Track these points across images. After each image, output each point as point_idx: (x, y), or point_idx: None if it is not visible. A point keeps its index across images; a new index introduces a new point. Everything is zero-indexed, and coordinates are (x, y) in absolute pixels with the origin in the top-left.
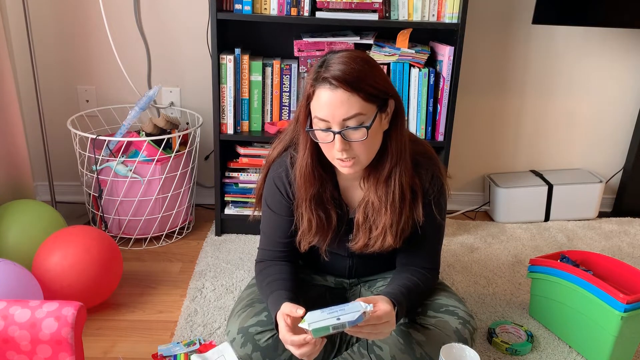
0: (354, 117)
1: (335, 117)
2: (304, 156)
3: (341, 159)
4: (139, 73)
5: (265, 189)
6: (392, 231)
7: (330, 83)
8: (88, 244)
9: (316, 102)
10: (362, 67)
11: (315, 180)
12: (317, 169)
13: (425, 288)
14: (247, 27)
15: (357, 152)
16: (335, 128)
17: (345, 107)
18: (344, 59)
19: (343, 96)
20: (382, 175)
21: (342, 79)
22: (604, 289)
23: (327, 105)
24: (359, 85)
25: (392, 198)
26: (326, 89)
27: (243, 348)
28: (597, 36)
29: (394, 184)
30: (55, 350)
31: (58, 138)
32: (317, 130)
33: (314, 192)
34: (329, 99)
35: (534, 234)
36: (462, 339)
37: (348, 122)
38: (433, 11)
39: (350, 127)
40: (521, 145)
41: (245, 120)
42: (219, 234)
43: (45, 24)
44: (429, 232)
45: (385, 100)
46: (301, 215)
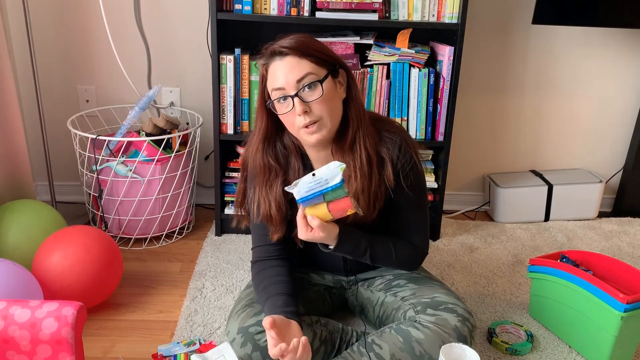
0: (306, 76)
1: (289, 81)
2: (255, 141)
3: (305, 125)
4: (139, 73)
5: (248, 184)
6: (365, 197)
7: (280, 53)
8: (88, 244)
9: (271, 76)
10: (306, 38)
11: (265, 169)
12: (267, 159)
13: (394, 251)
14: (247, 27)
15: (318, 113)
16: (292, 92)
17: (296, 70)
18: (290, 36)
19: (293, 61)
20: (347, 142)
21: (290, 46)
22: (604, 289)
23: (280, 73)
24: (307, 51)
25: (359, 162)
26: (276, 60)
27: (243, 348)
28: (597, 36)
29: (359, 149)
30: (55, 350)
31: (58, 138)
32: (275, 101)
33: (264, 179)
34: (281, 67)
35: (534, 234)
36: (462, 336)
37: (302, 82)
38: (433, 11)
39: (305, 87)
40: (521, 145)
41: (245, 120)
42: (219, 234)
43: (45, 24)
44: (406, 208)
45: (334, 66)
46: (256, 203)
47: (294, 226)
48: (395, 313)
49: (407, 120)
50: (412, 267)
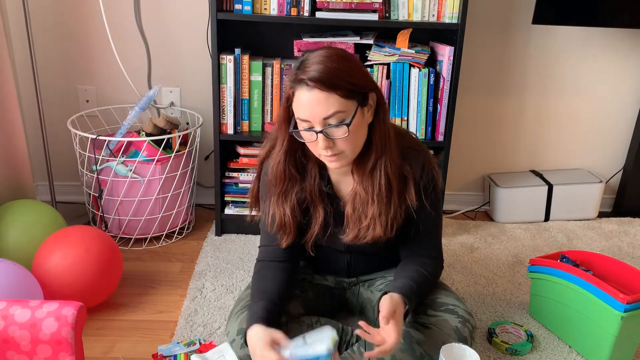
0: (334, 115)
1: (315, 116)
2: (278, 153)
3: (327, 155)
4: (139, 73)
5: (261, 185)
6: (381, 221)
7: (307, 84)
8: (88, 244)
9: (296, 104)
10: (338, 64)
11: (285, 179)
12: (288, 169)
13: (433, 279)
14: (247, 27)
15: (342, 148)
16: (317, 127)
17: (323, 107)
18: (320, 58)
19: (320, 96)
20: (367, 166)
21: (318, 79)
22: (604, 289)
23: (306, 106)
24: (336, 84)
25: (378, 188)
26: (304, 90)
27: (243, 349)
28: (597, 36)
29: (379, 175)
30: (55, 350)
31: (58, 138)
32: (301, 130)
33: (281, 189)
34: (307, 100)
35: (534, 234)
36: (462, 337)
37: (329, 120)
38: (433, 11)
39: (331, 125)
40: (521, 145)
41: (245, 120)
42: (219, 234)
43: (45, 24)
44: (425, 223)
45: (364, 94)
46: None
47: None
48: None
49: (407, 120)
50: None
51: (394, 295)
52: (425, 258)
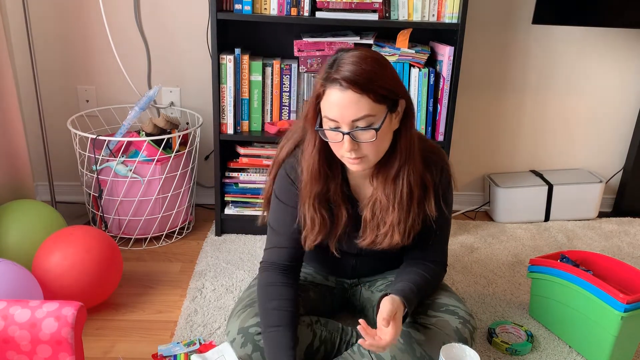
0: (363, 118)
1: (344, 117)
2: (312, 154)
3: (350, 157)
4: (139, 73)
5: (277, 183)
6: (400, 229)
7: (340, 84)
8: (88, 244)
9: (326, 102)
10: (372, 67)
11: (321, 179)
12: (323, 167)
13: (435, 283)
14: (247, 27)
15: (366, 152)
16: (345, 128)
17: (354, 109)
18: (355, 59)
19: (353, 97)
20: (391, 173)
21: (352, 80)
22: (604, 289)
23: (336, 106)
24: (369, 87)
25: (399, 196)
26: (336, 89)
27: (243, 348)
28: (597, 36)
29: (402, 183)
30: (55, 350)
31: (58, 138)
32: (326, 129)
33: (318, 190)
34: (338, 100)
35: (534, 234)
36: (462, 338)
37: (357, 122)
38: (433, 11)
39: (359, 128)
40: (521, 145)
41: (245, 120)
42: (219, 234)
43: (45, 24)
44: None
45: (395, 100)
46: (304, 214)
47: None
48: None
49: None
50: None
51: (395, 297)
52: (429, 262)
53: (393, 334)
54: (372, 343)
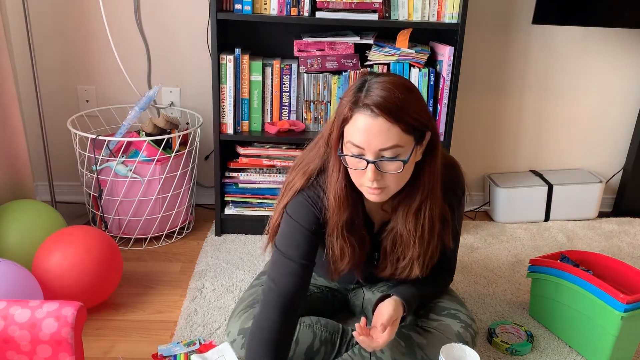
0: (391, 148)
1: (371, 145)
2: (339, 180)
3: (371, 187)
4: (139, 73)
5: (294, 207)
6: (419, 262)
7: (372, 110)
8: (88, 244)
9: (353, 127)
10: (405, 95)
11: (349, 205)
12: (351, 194)
13: (439, 288)
14: (247, 27)
15: (388, 183)
16: (370, 157)
17: (383, 137)
18: (387, 85)
19: (383, 126)
20: (412, 207)
21: (385, 107)
22: (604, 289)
23: (365, 132)
24: (401, 116)
25: (421, 231)
26: (366, 115)
27: (243, 349)
28: (597, 36)
29: (423, 217)
30: (55, 350)
31: (58, 138)
32: (349, 156)
33: (347, 217)
34: (367, 126)
35: (534, 234)
36: (464, 342)
37: (384, 152)
38: (433, 11)
39: (385, 158)
40: (521, 145)
41: (245, 120)
42: (219, 234)
43: (45, 24)
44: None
45: (423, 132)
46: (332, 244)
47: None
48: None
49: None
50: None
51: (397, 300)
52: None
53: (387, 339)
54: (364, 340)
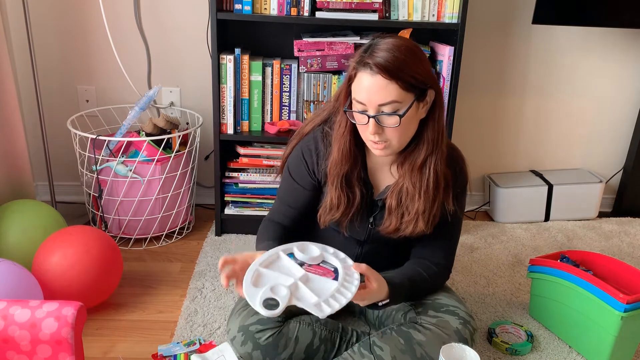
0: (389, 104)
1: (371, 101)
2: (343, 134)
3: (374, 141)
4: (139, 73)
5: (291, 157)
6: (425, 217)
7: (371, 69)
8: (88, 244)
9: (356, 85)
10: (405, 56)
11: (350, 159)
12: (353, 148)
13: (431, 283)
14: (247, 27)
15: (390, 137)
16: (371, 112)
17: (382, 94)
18: (389, 46)
19: (381, 83)
20: (417, 162)
21: (383, 66)
22: (604, 289)
23: (365, 90)
24: (398, 75)
25: (425, 185)
26: (367, 73)
27: (243, 346)
28: (597, 36)
29: (428, 172)
30: (55, 350)
31: (58, 138)
32: (354, 111)
33: (346, 170)
34: (368, 84)
35: (534, 234)
36: (463, 339)
37: (383, 107)
38: (433, 11)
39: (384, 113)
40: (521, 145)
41: (245, 120)
42: (219, 234)
43: (45, 24)
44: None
45: (423, 90)
46: (329, 192)
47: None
48: (396, 314)
49: None
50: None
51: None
52: (432, 263)
53: (359, 294)
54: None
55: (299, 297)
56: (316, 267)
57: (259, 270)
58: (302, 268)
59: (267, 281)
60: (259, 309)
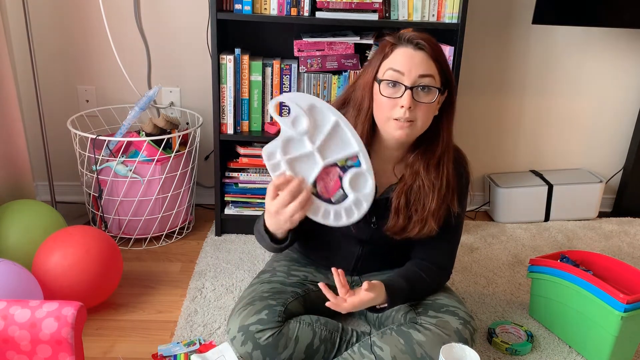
0: (428, 76)
1: (411, 71)
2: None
3: (399, 118)
4: (139, 73)
5: None
6: (435, 217)
7: (416, 44)
8: (88, 244)
9: (394, 57)
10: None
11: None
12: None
13: (430, 285)
14: (247, 27)
15: (418, 116)
16: (407, 83)
17: (424, 66)
18: (427, 36)
19: (424, 57)
20: (434, 159)
21: (429, 43)
22: (604, 289)
23: (407, 59)
24: (439, 57)
25: (440, 183)
26: (409, 47)
27: (243, 346)
28: (597, 36)
29: (443, 170)
30: (55, 350)
31: (58, 138)
32: (386, 80)
33: None
34: (410, 54)
35: (534, 234)
36: (463, 339)
37: (422, 80)
38: (433, 11)
39: (421, 85)
40: (521, 145)
41: (245, 120)
42: (219, 234)
43: (45, 24)
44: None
45: (446, 84)
46: None
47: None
48: (395, 314)
49: None
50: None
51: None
52: (433, 265)
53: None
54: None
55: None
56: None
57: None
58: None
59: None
60: None
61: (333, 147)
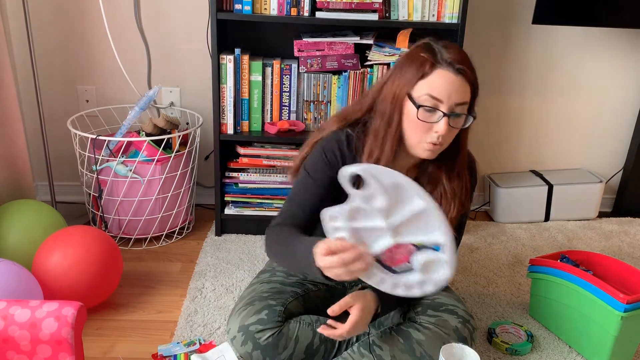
0: (463, 104)
1: (450, 98)
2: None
3: (433, 142)
4: (139, 73)
5: (311, 158)
6: (453, 224)
7: (457, 70)
8: (88, 244)
9: (433, 81)
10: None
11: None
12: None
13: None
14: (247, 27)
15: (446, 140)
16: (445, 110)
17: (461, 94)
18: (464, 55)
19: (462, 83)
20: (455, 169)
21: (466, 70)
22: (604, 289)
23: (446, 87)
24: (473, 82)
25: (460, 193)
26: (450, 72)
27: (243, 346)
28: (597, 36)
29: (463, 177)
30: (55, 350)
31: (58, 138)
32: (425, 107)
33: None
34: (450, 81)
35: (534, 234)
36: (462, 337)
37: (457, 108)
38: (433, 11)
39: (454, 114)
40: (521, 145)
41: (245, 120)
42: (219, 234)
43: (45, 24)
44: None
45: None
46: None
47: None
48: (395, 313)
49: None
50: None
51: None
52: None
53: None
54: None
55: None
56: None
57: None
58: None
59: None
60: None
61: (413, 230)
